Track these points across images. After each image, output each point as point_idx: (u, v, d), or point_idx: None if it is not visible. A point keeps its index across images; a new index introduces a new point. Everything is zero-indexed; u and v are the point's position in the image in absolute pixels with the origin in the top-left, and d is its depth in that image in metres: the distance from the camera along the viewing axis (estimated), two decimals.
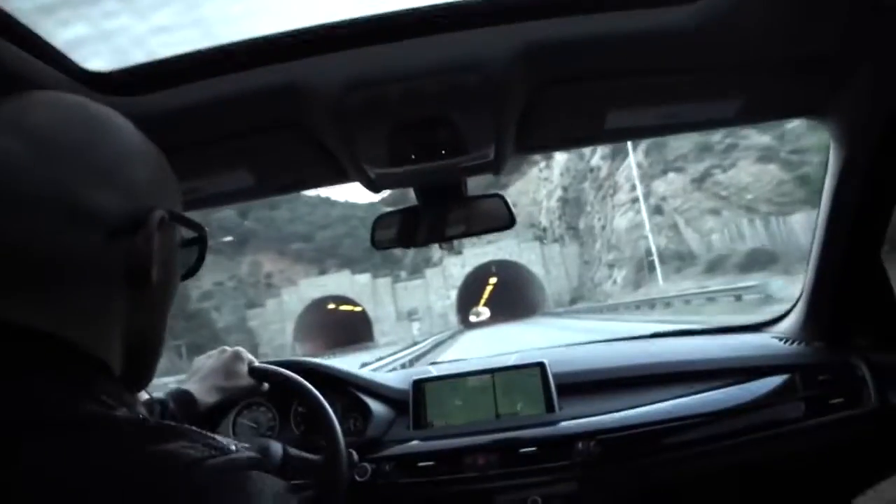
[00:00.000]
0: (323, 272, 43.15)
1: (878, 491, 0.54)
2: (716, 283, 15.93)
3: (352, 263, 43.80)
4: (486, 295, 47.24)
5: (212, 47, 0.68)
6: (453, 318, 35.85)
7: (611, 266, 27.61)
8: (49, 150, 0.38)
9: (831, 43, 0.73)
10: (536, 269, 35.52)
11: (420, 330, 32.88)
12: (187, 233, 0.48)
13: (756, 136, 21.46)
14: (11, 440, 0.31)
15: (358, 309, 37.33)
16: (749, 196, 20.71)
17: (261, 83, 0.71)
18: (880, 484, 0.55)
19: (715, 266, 18.62)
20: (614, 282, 26.64)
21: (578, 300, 32.24)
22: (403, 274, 42.49)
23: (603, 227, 30.22)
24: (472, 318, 43.94)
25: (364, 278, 38.41)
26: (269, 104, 0.74)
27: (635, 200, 24.65)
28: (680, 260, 21.57)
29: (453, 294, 36.52)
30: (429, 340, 18.94)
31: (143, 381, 0.47)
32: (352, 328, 38.64)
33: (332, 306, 39.68)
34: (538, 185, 43.07)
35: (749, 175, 21.03)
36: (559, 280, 35.95)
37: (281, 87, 0.71)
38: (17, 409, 0.33)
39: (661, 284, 20.32)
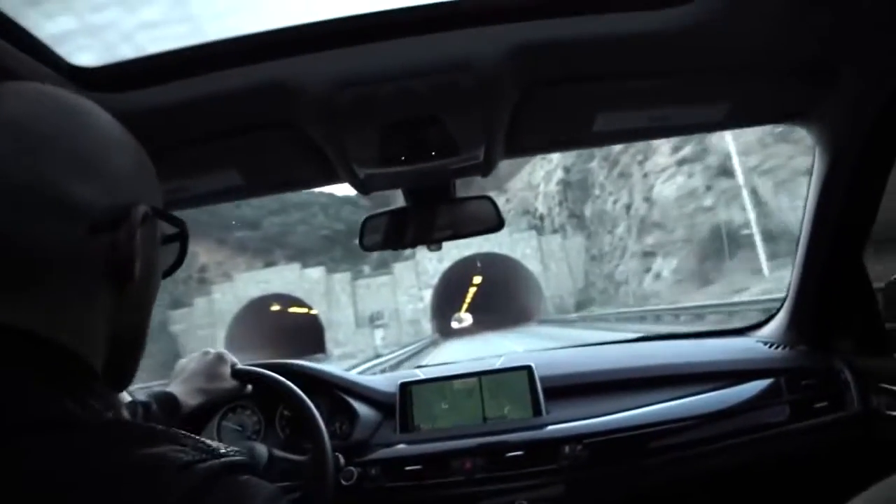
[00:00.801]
0: (270, 265, 34.50)
1: (871, 492, 0.59)
2: None
3: (305, 255, 35.45)
4: (468, 298, 43.57)
5: (201, 44, 0.72)
6: (427, 326, 31.34)
7: (648, 254, 19.43)
8: (25, 140, 0.39)
9: (816, 48, 0.81)
10: (532, 265, 30.87)
11: (385, 339, 28.84)
12: (168, 229, 0.51)
13: None
14: None
15: (315, 312, 33.05)
16: None
17: (250, 81, 0.75)
18: (870, 489, 0.60)
19: None
20: (657, 276, 18.51)
21: (587, 305, 27.50)
22: (367, 269, 33.81)
23: (628, 207, 22.13)
24: (454, 325, 41.76)
25: (316, 273, 33.43)
26: (259, 102, 0.79)
27: (683, 162, 16.31)
28: (770, 241, 13.13)
29: (427, 295, 31.76)
30: (396, 354, 17.10)
31: (125, 380, 0.49)
32: (299, 336, 34.37)
33: (276, 307, 35.04)
34: (534, 165, 35.96)
35: None
36: (560, 279, 31.12)
37: (270, 85, 0.76)
38: None
39: (767, 274, 11.73)
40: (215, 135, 0.84)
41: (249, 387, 1.13)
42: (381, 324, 31.01)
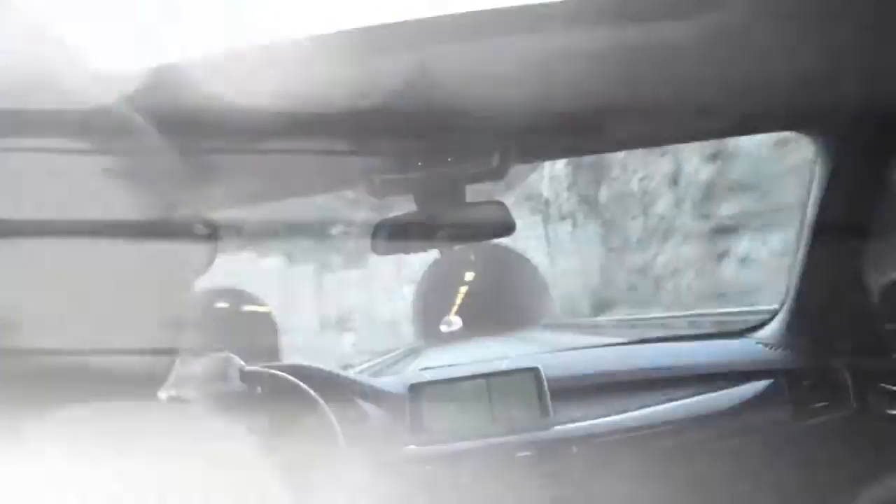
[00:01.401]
0: (221, 252, 28.20)
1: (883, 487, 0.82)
2: None
3: (260, 242, 29.27)
4: (459, 298, 40.03)
5: (223, 52, 0.81)
6: (408, 329, 27.63)
7: (721, 232, 13.45)
8: None
9: (821, 60, 0.88)
10: (537, 257, 27.26)
11: (355, 346, 25.52)
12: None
13: None
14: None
15: (268, 309, 22.78)
16: None
17: (271, 89, 0.88)
18: (877, 487, 0.78)
19: None
20: (743, 261, 12.49)
21: (610, 307, 21.93)
22: (337, 260, 28.14)
23: (674, 177, 16.25)
24: (443, 328, 36.54)
25: (273, 263, 28.94)
26: (279, 111, 0.89)
27: None
28: None
29: (409, 292, 28.10)
30: (369, 365, 14.20)
31: (162, 380, 0.55)
32: (249, 341, 22.63)
33: (222, 304, 23.72)
34: None
35: None
36: (572, 276, 26.84)
37: (290, 93, 0.84)
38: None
39: None
40: (234, 142, 0.92)
41: (259, 388, 1.20)
42: (352, 326, 27.95)
